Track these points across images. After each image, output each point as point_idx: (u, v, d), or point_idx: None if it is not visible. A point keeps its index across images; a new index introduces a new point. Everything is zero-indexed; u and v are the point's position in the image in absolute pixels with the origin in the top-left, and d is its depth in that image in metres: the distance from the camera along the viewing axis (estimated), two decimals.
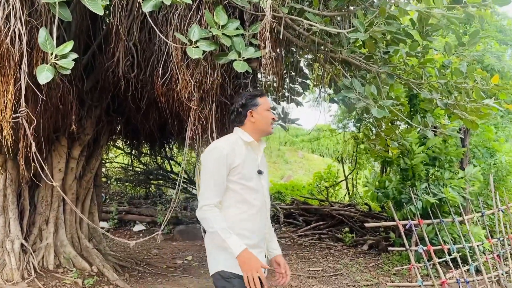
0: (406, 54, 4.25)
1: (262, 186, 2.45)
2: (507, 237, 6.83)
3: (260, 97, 2.51)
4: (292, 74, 5.22)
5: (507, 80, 7.29)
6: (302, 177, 19.91)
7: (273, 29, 3.42)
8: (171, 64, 3.43)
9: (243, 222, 2.35)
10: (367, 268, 6.54)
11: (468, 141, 7.66)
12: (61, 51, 2.74)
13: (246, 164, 2.35)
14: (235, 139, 2.43)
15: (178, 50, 3.34)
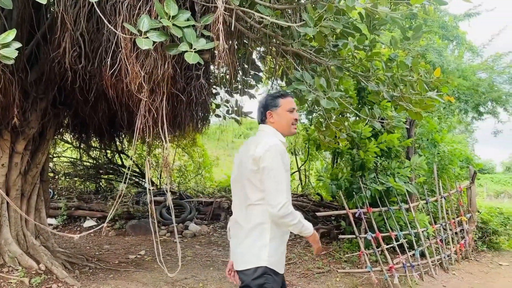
0: (354, 47, 4.38)
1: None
2: (449, 222, 7.23)
3: (282, 97, 2.51)
4: (245, 67, 5.23)
5: (447, 74, 7.66)
6: None
7: (226, 21, 3.42)
8: (120, 54, 3.34)
9: None
10: (319, 256, 6.71)
11: (413, 132, 8.00)
12: (3, 40, 2.61)
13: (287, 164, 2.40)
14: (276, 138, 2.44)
15: (127, 40, 3.26)
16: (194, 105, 4.33)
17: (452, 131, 13.48)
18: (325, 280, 5.59)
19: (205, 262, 6.08)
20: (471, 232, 7.87)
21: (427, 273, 6.39)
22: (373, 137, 7.03)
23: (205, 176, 13.12)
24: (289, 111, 2.49)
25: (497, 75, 10.06)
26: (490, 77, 10.03)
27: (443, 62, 7.69)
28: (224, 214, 9.39)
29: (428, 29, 7.68)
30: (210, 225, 8.85)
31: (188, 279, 5.16)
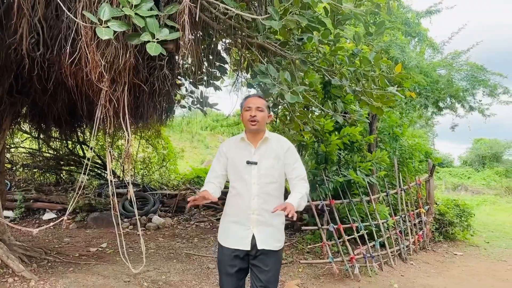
0: (318, 41, 4.41)
1: (251, 175, 2.79)
2: (408, 214, 7.47)
3: (245, 100, 2.96)
4: (210, 58, 5.19)
5: (409, 70, 7.86)
6: None
7: (191, 11, 3.38)
8: (80, 43, 3.25)
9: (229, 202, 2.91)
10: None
11: (375, 126, 8.19)
12: None
13: (237, 156, 2.88)
14: (239, 136, 2.97)
15: (87, 29, 3.17)
16: (157, 96, 4.27)
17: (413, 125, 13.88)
18: (287, 271, 5.67)
19: (168, 255, 6.04)
20: (429, 224, 8.16)
21: (386, 263, 6.58)
22: (336, 131, 7.14)
23: (170, 169, 12.98)
24: (246, 110, 2.88)
25: (455, 72, 10.39)
26: (449, 73, 10.34)
27: (405, 58, 7.87)
28: (189, 206, 9.35)
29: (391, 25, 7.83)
30: (174, 217, 8.80)
31: (150, 272, 5.12)
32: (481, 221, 12.92)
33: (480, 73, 10.42)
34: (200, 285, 4.76)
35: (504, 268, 7.28)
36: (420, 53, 10.27)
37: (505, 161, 34.27)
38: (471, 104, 11.10)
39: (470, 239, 9.38)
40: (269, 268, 2.75)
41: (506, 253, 8.70)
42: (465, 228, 9.21)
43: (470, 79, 10.42)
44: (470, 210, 9.54)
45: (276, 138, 2.95)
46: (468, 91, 10.44)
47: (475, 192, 27.28)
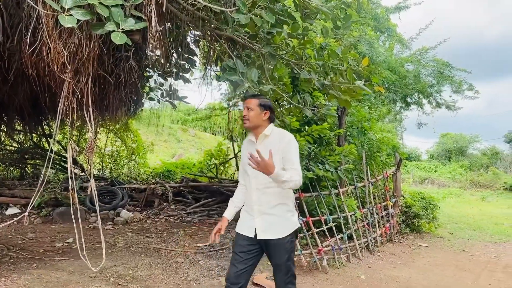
0: (287, 35, 4.41)
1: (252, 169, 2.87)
2: (376, 207, 7.61)
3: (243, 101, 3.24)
4: (179, 50, 5.12)
5: (377, 65, 7.97)
6: (193, 155, 19.89)
7: (158, 2, 3.31)
8: (41, 32, 3.14)
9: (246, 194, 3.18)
10: None
11: (344, 120, 8.28)
12: None
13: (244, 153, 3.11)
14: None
15: (49, 17, 3.06)
16: (123, 88, 4.18)
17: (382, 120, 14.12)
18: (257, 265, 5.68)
19: (136, 249, 5.96)
20: (396, 216, 8.34)
21: (354, 255, 6.69)
22: (306, 125, 7.19)
23: (139, 162, 12.80)
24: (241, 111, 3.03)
25: (423, 68, 10.62)
26: (417, 69, 10.56)
27: (373, 54, 7.98)
28: (158, 200, 9.25)
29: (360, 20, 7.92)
30: (143, 211, 8.68)
31: (117, 267, 5.04)
32: (446, 213, 13.32)
33: (446, 70, 10.68)
34: (168, 279, 4.72)
35: (466, 258, 7.52)
36: (389, 49, 10.44)
37: (469, 155, 35.38)
38: (437, 100, 11.38)
39: (435, 231, 9.65)
40: (277, 255, 2.97)
41: (469, 244, 9.00)
42: (430, 220, 9.46)
43: (437, 75, 10.67)
44: (436, 203, 9.81)
45: (278, 133, 3.07)
46: (434, 86, 10.70)
47: (441, 185, 28.09)
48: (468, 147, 36.05)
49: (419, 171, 31.74)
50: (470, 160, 34.18)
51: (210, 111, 15.56)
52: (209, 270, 5.18)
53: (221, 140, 14.36)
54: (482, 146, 36.93)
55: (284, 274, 2.96)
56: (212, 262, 5.55)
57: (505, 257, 7.76)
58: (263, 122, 3.04)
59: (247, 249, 2.99)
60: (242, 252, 2.99)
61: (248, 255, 2.99)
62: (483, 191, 25.61)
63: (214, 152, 12.42)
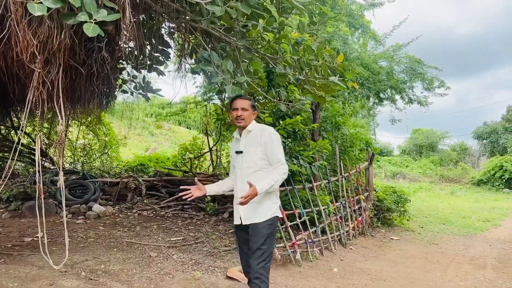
0: (263, 29, 4.41)
1: (240, 162, 3.32)
2: (348, 200, 7.72)
3: (232, 101, 3.41)
4: (153, 42, 5.05)
5: (350, 61, 8.06)
6: (167, 149, 19.71)
7: None
8: (9, 20, 3.04)
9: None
10: (227, 235, 6.82)
11: (318, 115, 8.35)
12: None
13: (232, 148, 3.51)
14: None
15: (17, 5, 2.97)
16: (95, 80, 4.09)
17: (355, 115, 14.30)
18: (231, 258, 5.70)
19: (108, 244, 5.88)
20: (368, 210, 8.49)
21: (327, 248, 6.79)
22: (281, 119, 7.21)
23: (112, 156, 12.59)
24: (233, 110, 3.35)
25: (395, 64, 10.79)
26: (390, 65, 10.72)
27: (347, 50, 8.05)
28: (131, 194, 9.13)
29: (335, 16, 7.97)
30: (116, 206, 8.56)
31: (89, 261, 4.96)
32: (416, 207, 13.65)
33: (418, 66, 10.88)
34: (141, 274, 4.68)
35: (435, 251, 7.74)
36: (363, 45, 10.56)
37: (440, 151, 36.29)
38: (410, 96, 11.59)
39: (406, 224, 9.88)
40: (253, 239, 3.17)
41: (438, 237, 9.25)
42: (401, 214, 9.68)
43: (409, 72, 10.86)
44: (407, 197, 10.04)
45: (260, 128, 3.35)
46: (406, 83, 10.89)
47: (412, 179, 28.73)
48: (438, 143, 36.96)
49: (391, 166, 32.35)
50: (440, 155, 35.07)
51: (185, 105, 15.44)
52: (183, 264, 5.17)
53: (196, 134, 14.27)
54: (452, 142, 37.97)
55: (256, 258, 3.11)
56: (185, 256, 5.53)
57: (472, 250, 8.01)
58: (252, 121, 3.40)
59: (244, 238, 3.32)
60: (242, 241, 3.36)
61: (246, 242, 3.29)
62: (452, 186, 26.34)
63: (188, 146, 12.34)
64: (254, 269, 3.10)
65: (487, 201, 19.27)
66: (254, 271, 3.10)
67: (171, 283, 4.50)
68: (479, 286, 5.42)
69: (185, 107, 15.59)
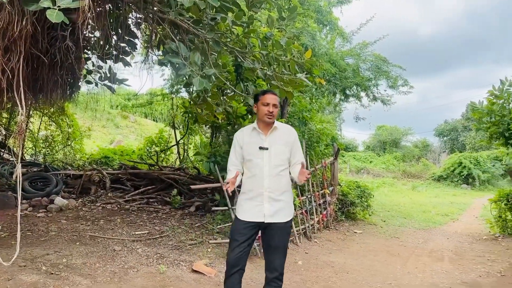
0: (232, 22, 4.40)
1: (263, 158, 3.22)
2: (314, 195, 7.84)
3: (262, 94, 3.30)
4: (119, 32, 4.95)
5: (318, 57, 8.16)
6: (133, 142, 19.39)
7: None
8: None
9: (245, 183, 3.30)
10: (193, 229, 6.79)
11: (286, 110, 8.42)
12: None
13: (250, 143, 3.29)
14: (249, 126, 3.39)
15: None
16: (59, 69, 3.98)
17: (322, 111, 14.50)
18: (197, 251, 5.69)
19: (71, 237, 5.75)
20: (333, 204, 8.64)
21: (292, 241, 6.87)
22: (249, 113, 7.23)
23: (75, 148, 12.27)
24: (264, 105, 3.23)
25: (362, 62, 11.00)
26: (356, 63, 10.92)
27: (315, 46, 8.14)
28: (95, 188, 8.95)
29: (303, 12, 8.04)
30: (79, 199, 8.37)
31: (50, 255, 4.84)
32: (379, 201, 14.00)
33: (383, 65, 11.14)
34: (104, 267, 4.61)
35: (396, 244, 7.97)
36: (331, 42, 10.70)
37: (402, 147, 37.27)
38: (375, 94, 11.86)
39: (369, 218, 10.12)
40: (279, 237, 3.21)
41: (399, 230, 9.54)
42: (365, 208, 9.91)
43: (374, 70, 11.10)
44: (370, 192, 10.29)
45: (286, 128, 3.41)
46: (372, 80, 11.13)
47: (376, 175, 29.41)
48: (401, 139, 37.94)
49: (355, 162, 32.99)
50: (403, 151, 36.03)
51: (152, 97, 15.22)
52: (148, 258, 5.12)
53: (163, 127, 14.10)
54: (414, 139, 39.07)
55: (283, 255, 3.24)
56: (150, 249, 5.47)
57: (431, 243, 8.30)
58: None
59: (246, 234, 3.21)
60: (242, 237, 3.20)
61: (247, 239, 3.21)
62: (414, 181, 27.13)
63: (155, 138, 12.19)
64: (280, 266, 3.21)
65: (446, 196, 19.99)
66: (279, 268, 3.21)
67: (135, 277, 4.46)
68: (437, 277, 5.63)
69: (152, 99, 15.38)
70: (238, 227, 3.25)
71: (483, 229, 9.96)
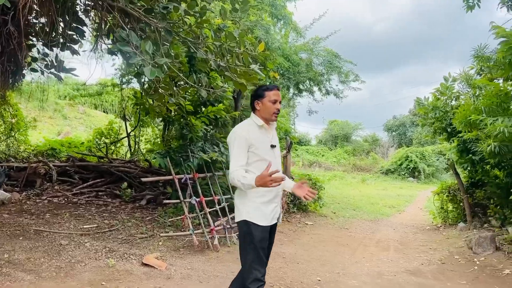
0: (184, 12, 4.34)
1: (275, 156, 3.05)
2: None
3: (268, 90, 3.00)
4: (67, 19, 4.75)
5: (272, 51, 8.22)
6: (82, 134, 18.76)
7: None
8: None
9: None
10: (144, 222, 6.69)
11: (240, 103, 8.43)
12: None
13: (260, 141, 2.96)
14: (251, 123, 3.02)
15: None
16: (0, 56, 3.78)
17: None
18: (147, 245, 5.61)
19: (14, 232, 5.50)
20: (285, 196, 8.76)
21: None
22: (202, 106, 7.19)
23: (19, 139, 11.70)
24: (272, 102, 2.97)
25: (315, 57, 11.19)
26: (309, 58, 11.09)
27: (269, 39, 8.19)
28: (41, 180, 8.59)
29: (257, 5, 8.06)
30: (23, 192, 8.01)
31: None
32: (330, 194, 14.33)
33: (335, 60, 11.38)
34: (49, 262, 4.45)
35: (346, 235, 8.21)
36: (285, 36, 10.80)
37: (353, 141, 38.32)
38: (327, 88, 12.10)
39: (320, 210, 10.35)
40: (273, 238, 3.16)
41: (349, 222, 9.82)
42: (316, 200, 10.12)
43: (327, 65, 11.32)
44: (321, 184, 10.52)
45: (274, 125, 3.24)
46: (324, 75, 11.35)
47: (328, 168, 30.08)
48: (352, 134, 38.99)
49: (308, 155, 33.58)
50: (353, 145, 37.05)
51: (102, 88, 14.76)
52: (96, 252, 4.99)
53: (113, 118, 13.72)
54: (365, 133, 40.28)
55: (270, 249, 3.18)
56: (99, 243, 5.34)
57: (378, 233, 8.62)
58: None
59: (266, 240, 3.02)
60: (265, 244, 3.00)
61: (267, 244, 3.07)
62: (364, 174, 28.00)
63: (104, 130, 11.84)
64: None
65: (394, 189, 20.79)
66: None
67: (83, 271, 4.34)
68: (382, 266, 5.85)
69: (102, 89, 14.91)
70: (263, 234, 2.94)
71: (426, 219, 10.45)
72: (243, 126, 3.03)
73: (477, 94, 6.81)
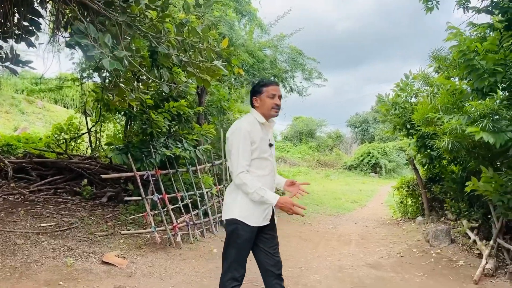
0: (146, 6, 4.26)
1: (272, 156, 3.00)
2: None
3: (265, 86, 2.97)
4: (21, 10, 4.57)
5: (236, 47, 8.20)
6: (40, 129, 18.16)
7: None
8: None
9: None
10: (104, 220, 6.55)
11: (204, 99, 8.38)
12: None
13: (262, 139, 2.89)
14: (252, 120, 2.93)
15: None
16: None
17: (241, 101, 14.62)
18: (108, 243, 5.50)
19: None
20: None
21: (208, 230, 6.91)
22: (165, 101, 7.08)
23: None
24: (270, 98, 2.93)
25: (279, 54, 11.24)
26: (274, 54, 11.13)
27: (233, 35, 8.16)
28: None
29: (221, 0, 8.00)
30: None
31: None
32: None
33: (299, 57, 11.47)
34: (4, 262, 4.29)
35: (308, 229, 8.33)
36: (249, 32, 10.78)
37: (317, 137, 38.82)
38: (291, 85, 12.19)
39: None
40: (275, 234, 3.10)
41: (312, 217, 9.97)
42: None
43: (291, 62, 11.40)
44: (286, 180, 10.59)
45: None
46: (288, 72, 11.43)
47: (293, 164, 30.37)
48: (316, 130, 39.48)
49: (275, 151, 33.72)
50: (318, 142, 37.54)
51: (61, 82, 14.31)
52: (54, 251, 4.85)
53: (73, 114, 13.32)
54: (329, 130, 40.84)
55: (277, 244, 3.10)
56: (57, 242, 5.19)
57: (340, 228, 8.79)
58: None
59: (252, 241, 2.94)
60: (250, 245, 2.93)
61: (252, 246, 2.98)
62: (327, 170, 28.43)
63: (64, 126, 11.48)
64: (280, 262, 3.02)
65: (356, 184, 21.22)
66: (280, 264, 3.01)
67: (39, 271, 4.21)
68: (344, 260, 5.97)
69: (61, 84, 14.45)
70: (249, 235, 2.86)
71: (387, 214, 10.74)
72: (247, 121, 2.93)
73: (435, 92, 7.03)
